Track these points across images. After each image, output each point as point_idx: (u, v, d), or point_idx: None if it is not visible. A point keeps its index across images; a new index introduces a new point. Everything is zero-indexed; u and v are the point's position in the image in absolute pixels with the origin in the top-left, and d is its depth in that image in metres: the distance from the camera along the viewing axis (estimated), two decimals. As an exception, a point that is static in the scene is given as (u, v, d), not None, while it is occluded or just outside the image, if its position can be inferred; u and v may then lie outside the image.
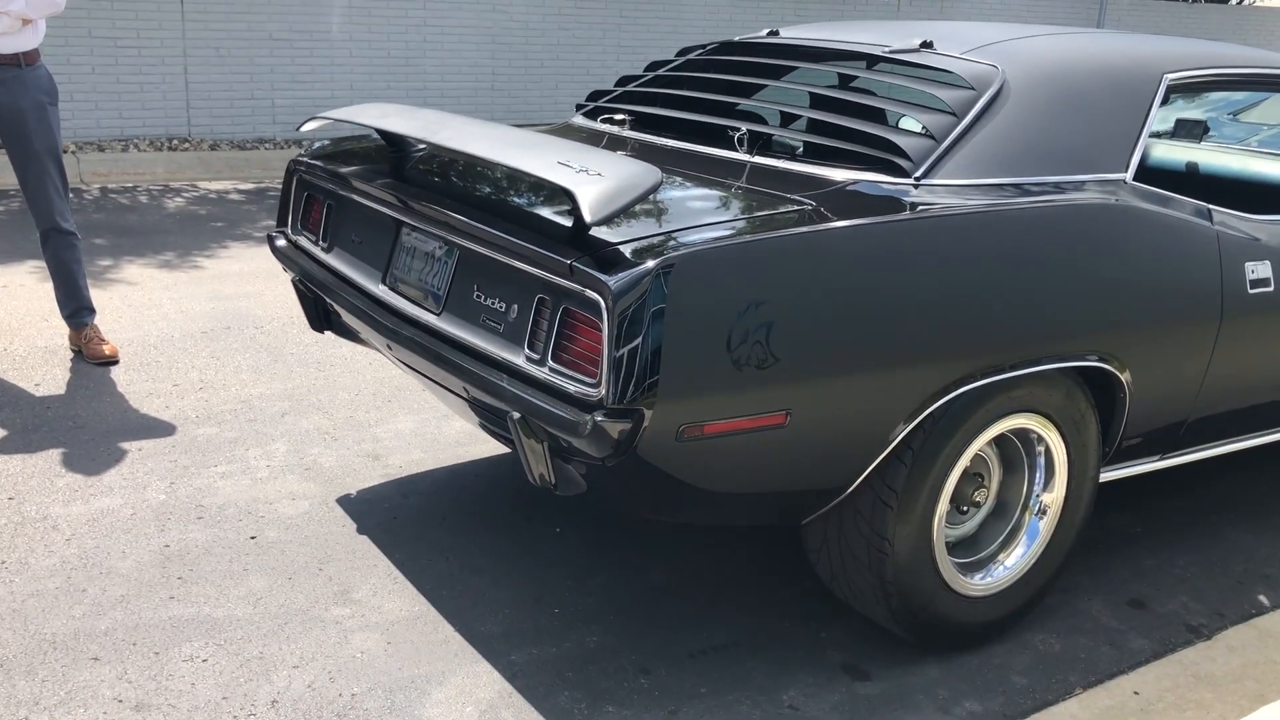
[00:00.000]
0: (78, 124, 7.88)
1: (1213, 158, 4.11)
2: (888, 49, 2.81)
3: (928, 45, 2.77)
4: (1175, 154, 4.24)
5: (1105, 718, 2.34)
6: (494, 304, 2.25)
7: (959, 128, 2.45)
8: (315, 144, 3.07)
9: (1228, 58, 2.92)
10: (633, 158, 2.24)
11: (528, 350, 2.14)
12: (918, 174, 2.36)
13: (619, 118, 3.10)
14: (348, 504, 3.11)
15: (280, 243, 3.01)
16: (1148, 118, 2.67)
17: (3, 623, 2.48)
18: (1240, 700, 2.41)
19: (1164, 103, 2.75)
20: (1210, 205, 2.71)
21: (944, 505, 2.36)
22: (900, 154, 2.41)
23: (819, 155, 2.60)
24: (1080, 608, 2.78)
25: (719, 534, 3.05)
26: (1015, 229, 2.31)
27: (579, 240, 2.04)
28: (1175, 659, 2.57)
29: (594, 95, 3.33)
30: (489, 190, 2.49)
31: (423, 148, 2.82)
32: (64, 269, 4.03)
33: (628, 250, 1.98)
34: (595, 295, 1.96)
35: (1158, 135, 4.36)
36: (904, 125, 3.17)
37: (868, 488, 2.29)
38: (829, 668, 2.49)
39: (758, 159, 2.60)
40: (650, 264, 1.93)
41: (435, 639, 2.51)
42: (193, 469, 3.27)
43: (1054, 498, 2.57)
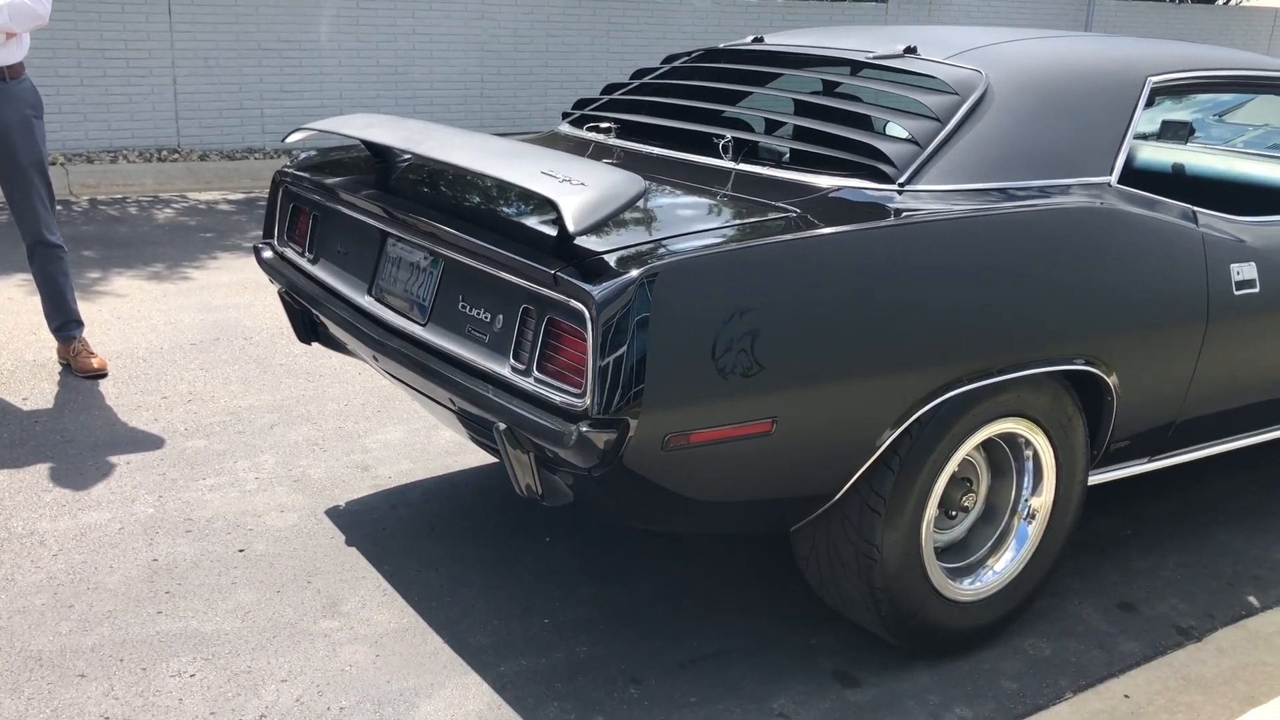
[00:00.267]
0: (66, 136, 7.87)
1: (1198, 159, 4.11)
2: (872, 55, 2.81)
3: (911, 51, 2.77)
4: (1161, 156, 4.25)
5: (1096, 722, 2.34)
6: (479, 314, 2.24)
7: (943, 133, 2.45)
8: (301, 155, 3.06)
9: (1211, 60, 2.93)
10: (616, 167, 2.24)
11: (513, 361, 2.13)
12: (902, 180, 2.36)
13: (605, 126, 3.09)
14: (336, 515, 3.10)
15: (266, 254, 3.00)
16: (1131, 120, 2.67)
17: (-11, 640, 2.47)
18: (1231, 702, 2.41)
19: (1148, 105, 2.76)
20: (1195, 207, 2.71)
21: (932, 511, 2.36)
22: (884, 160, 2.42)
23: (804, 162, 2.60)
24: (1070, 611, 2.78)
25: (707, 542, 3.04)
26: (1000, 234, 2.31)
27: (563, 250, 2.04)
28: (1165, 661, 2.57)
29: (580, 103, 3.33)
30: (474, 201, 2.48)
31: (408, 158, 2.82)
32: (51, 282, 4.02)
33: (612, 259, 1.97)
34: (579, 305, 1.95)
35: (1144, 137, 4.37)
36: (889, 131, 3.17)
37: (855, 494, 2.28)
38: (819, 675, 2.48)
39: (743, 166, 2.60)
40: (634, 273, 1.93)
41: (424, 651, 2.50)
42: (181, 482, 3.26)
43: (1042, 501, 2.57)
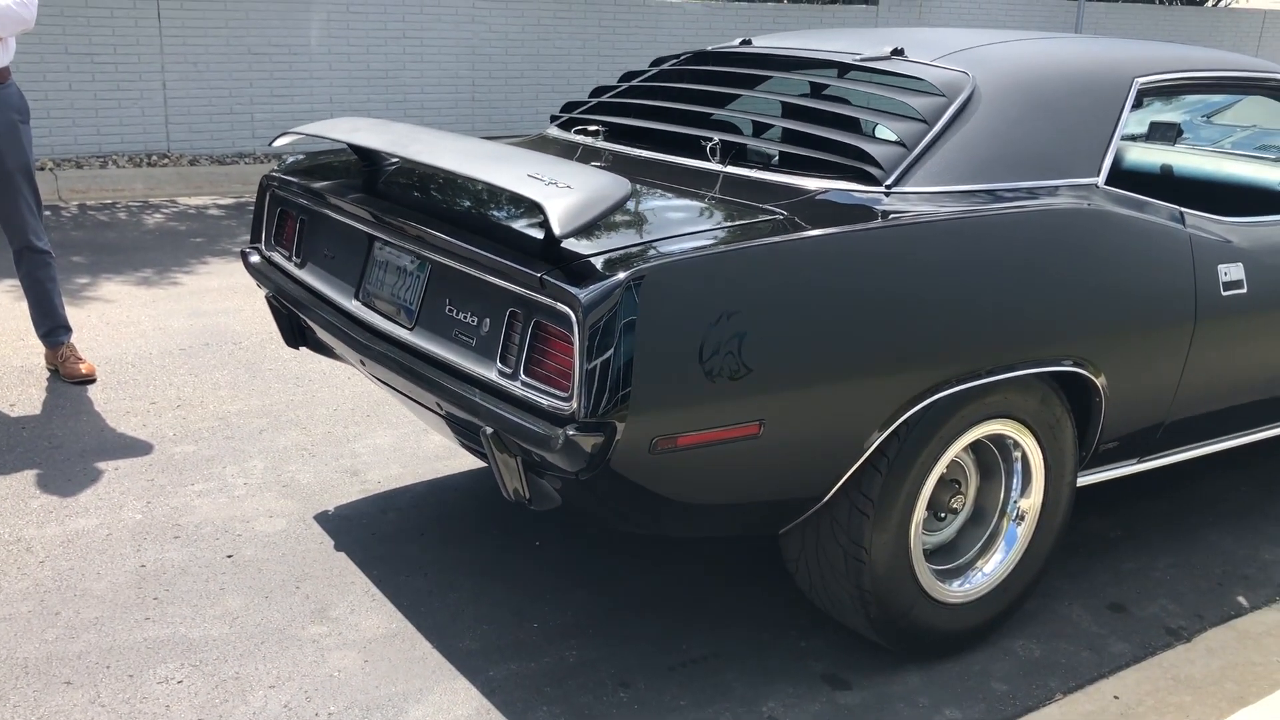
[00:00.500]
0: (55, 141, 7.84)
1: (1186, 160, 4.12)
2: (859, 57, 2.81)
3: (899, 53, 2.77)
4: (1149, 157, 4.26)
5: (1086, 723, 2.33)
6: (466, 318, 2.23)
7: (930, 135, 2.45)
8: (289, 159, 3.05)
9: (1199, 61, 2.94)
10: (603, 169, 2.24)
11: (500, 364, 2.13)
12: (889, 182, 2.36)
13: (593, 129, 3.09)
14: (325, 521, 3.09)
15: (254, 259, 2.99)
16: (1119, 122, 2.68)
17: (-25, 647, 2.46)
18: (1220, 703, 2.41)
19: (1135, 106, 2.76)
20: (1183, 208, 2.72)
21: (921, 512, 2.36)
22: (871, 162, 2.42)
23: (791, 164, 2.60)
24: (1060, 612, 2.78)
25: (697, 545, 3.04)
26: (987, 235, 2.31)
27: (549, 253, 2.04)
28: (1155, 662, 2.57)
29: (568, 106, 3.32)
30: (461, 204, 2.48)
31: (395, 162, 2.82)
32: (39, 288, 4.00)
33: (598, 262, 1.97)
34: (566, 308, 1.95)
35: (1132, 138, 4.37)
36: (876, 133, 3.18)
37: (844, 496, 2.28)
38: (809, 677, 2.48)
39: (730, 169, 2.59)
40: (621, 276, 1.92)
41: (413, 656, 2.49)
42: (170, 488, 3.25)
43: (1031, 503, 2.57)
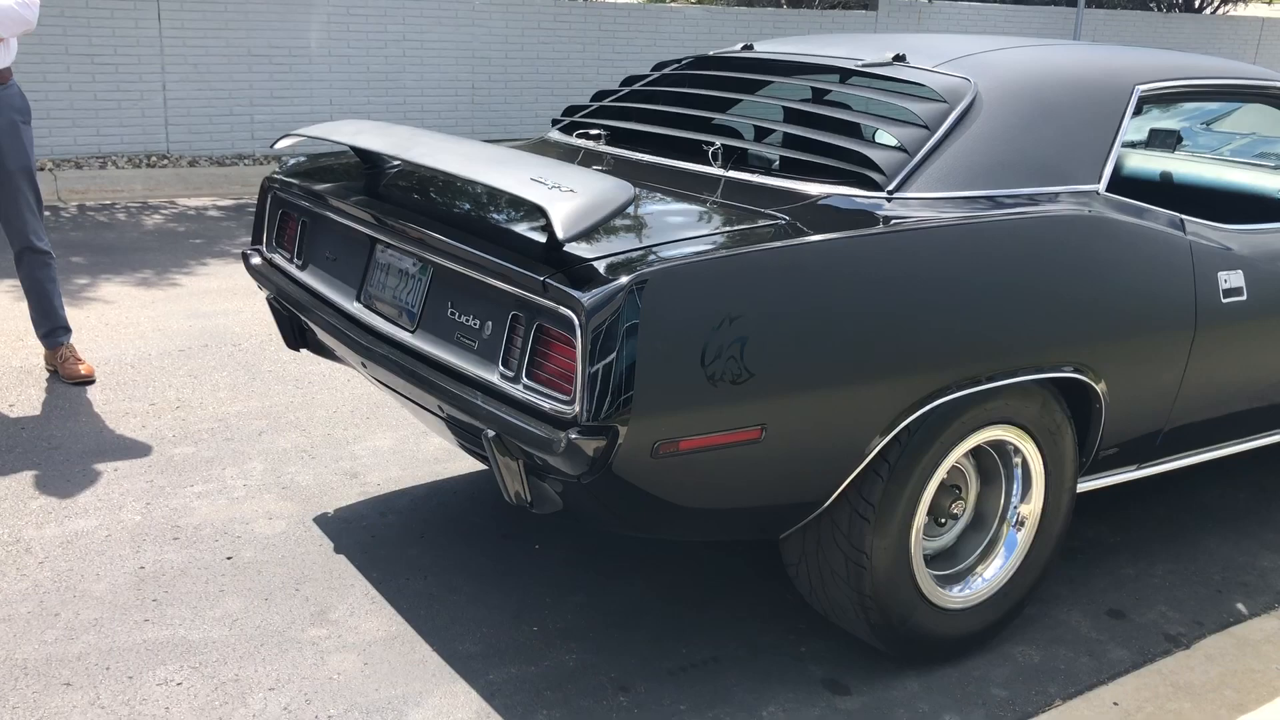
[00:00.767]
0: (55, 141, 7.84)
1: (1186, 167, 4.13)
2: (861, 63, 2.82)
3: (901, 58, 2.78)
4: (1149, 164, 4.27)
5: (1085, 729, 2.34)
6: (468, 321, 2.24)
7: (931, 141, 2.46)
8: (290, 161, 3.06)
9: (1199, 68, 2.94)
10: (606, 173, 2.24)
11: (502, 367, 2.13)
12: (891, 187, 2.36)
13: (594, 133, 3.09)
14: (325, 523, 3.09)
15: (255, 260, 2.99)
16: (1120, 129, 2.68)
17: (-26, 648, 2.46)
18: (1219, 710, 2.41)
19: (1136, 113, 2.77)
20: (1183, 215, 2.72)
21: (921, 518, 2.36)
22: (873, 168, 2.42)
23: (793, 169, 2.61)
24: (1059, 618, 2.79)
25: (697, 550, 3.04)
26: (988, 241, 2.31)
27: (552, 257, 2.04)
28: (1154, 669, 2.57)
29: (570, 110, 3.33)
30: (463, 207, 2.48)
31: (397, 164, 2.82)
32: (39, 288, 4.00)
33: (601, 266, 1.97)
34: (569, 312, 1.95)
35: (1132, 145, 4.38)
36: (878, 139, 3.18)
37: (845, 501, 2.28)
38: (809, 682, 2.48)
39: (732, 173, 2.60)
40: (624, 280, 1.92)
41: (412, 659, 2.49)
42: (169, 489, 3.24)
43: (1031, 509, 2.57)
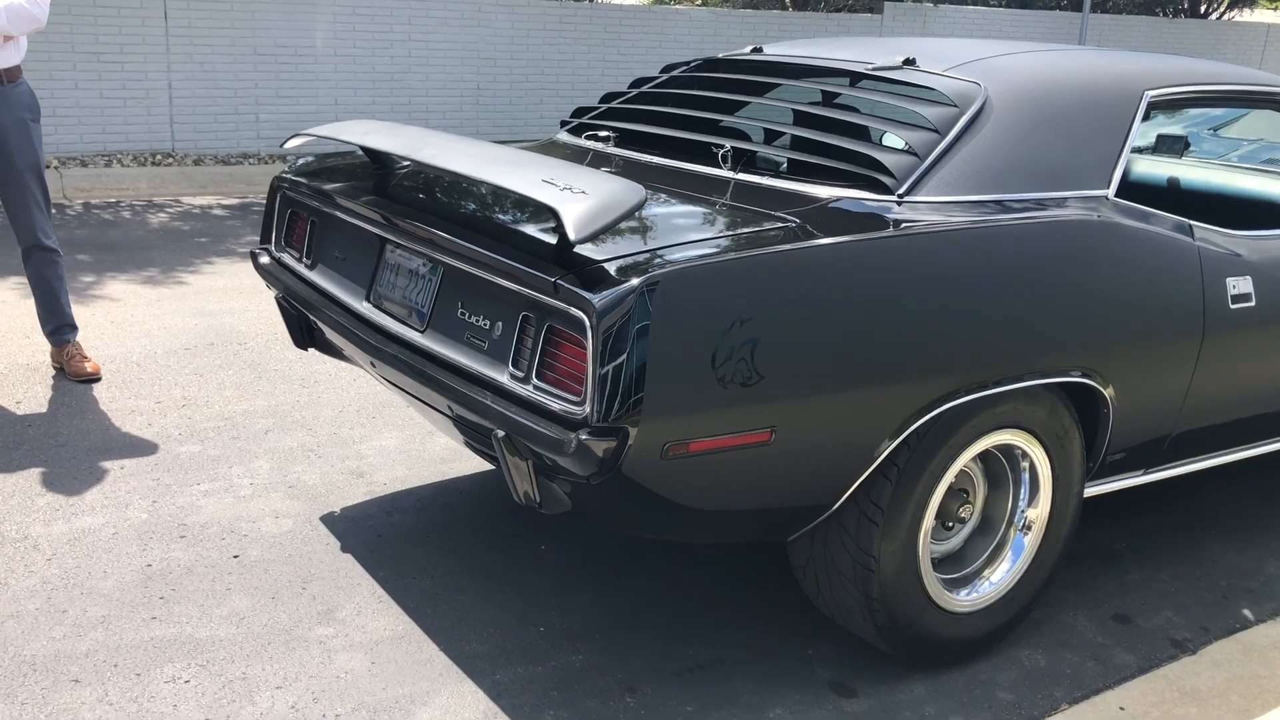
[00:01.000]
0: (61, 139, 7.85)
1: (1194, 173, 4.13)
2: (871, 66, 2.82)
3: (910, 62, 2.78)
4: (1157, 169, 4.27)
5: (1091, 734, 2.34)
6: (478, 321, 2.24)
7: (942, 145, 2.46)
8: (299, 160, 3.06)
9: (1207, 74, 2.95)
10: (617, 175, 2.24)
11: (512, 368, 2.13)
12: (901, 191, 2.37)
13: (603, 134, 3.10)
14: (331, 522, 3.10)
15: (264, 259, 3.00)
16: (1129, 134, 2.68)
17: (-18, 644, 2.46)
18: (1225, 715, 2.41)
19: (1145, 119, 2.77)
20: (1191, 221, 2.72)
21: (929, 521, 2.37)
22: (883, 171, 2.42)
23: (803, 172, 2.61)
24: (1066, 623, 2.79)
25: (705, 551, 3.04)
26: (998, 246, 2.32)
27: (563, 258, 2.04)
28: (1160, 674, 2.57)
29: (578, 111, 3.33)
30: (473, 207, 2.48)
31: (407, 164, 2.82)
32: (46, 286, 4.01)
33: (612, 268, 1.97)
34: (580, 313, 1.96)
35: (1139, 151, 4.38)
36: (888, 142, 3.18)
37: (853, 504, 2.28)
38: (815, 685, 2.48)
39: (742, 176, 2.60)
40: (635, 281, 1.93)
41: (419, 658, 2.50)
42: (175, 487, 3.25)
43: (1039, 513, 2.57)
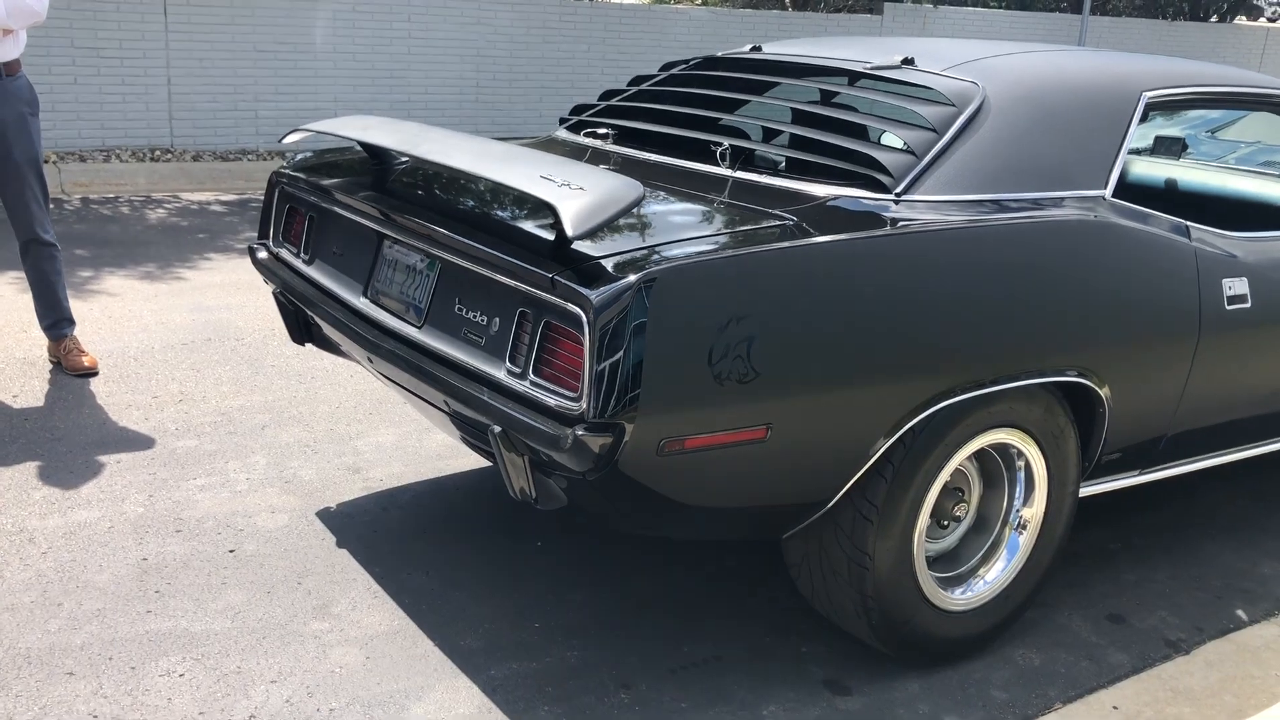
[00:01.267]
0: (59, 134, 7.85)
1: (1191, 175, 4.14)
2: (869, 65, 2.82)
3: (909, 62, 2.78)
4: (1154, 171, 4.28)
5: (1084, 732, 2.34)
6: (475, 317, 2.24)
7: (939, 144, 2.46)
8: (297, 156, 3.06)
9: (1206, 76, 2.95)
10: (615, 172, 2.25)
11: (509, 364, 2.13)
12: (898, 190, 2.37)
13: (602, 132, 3.10)
14: (327, 517, 3.10)
15: (262, 255, 3.00)
16: (1126, 135, 2.69)
17: (-23, 637, 2.46)
18: (1218, 715, 2.42)
19: (1143, 120, 2.77)
20: (1188, 222, 2.73)
21: (924, 520, 2.37)
22: (881, 170, 2.43)
23: (801, 170, 2.61)
24: (1060, 622, 2.79)
25: (700, 548, 3.04)
26: (995, 245, 2.32)
27: (561, 254, 2.04)
28: (1154, 674, 2.58)
29: (577, 109, 3.33)
30: (471, 204, 2.49)
31: (405, 160, 2.82)
32: (44, 280, 4.01)
33: (609, 264, 1.98)
34: (577, 309, 1.96)
35: (1137, 152, 4.39)
36: (886, 141, 3.19)
37: (848, 502, 2.29)
38: (810, 683, 2.48)
39: (740, 174, 2.60)
40: (632, 278, 1.93)
41: (414, 654, 2.50)
42: (171, 482, 3.25)
43: (1034, 512, 2.58)
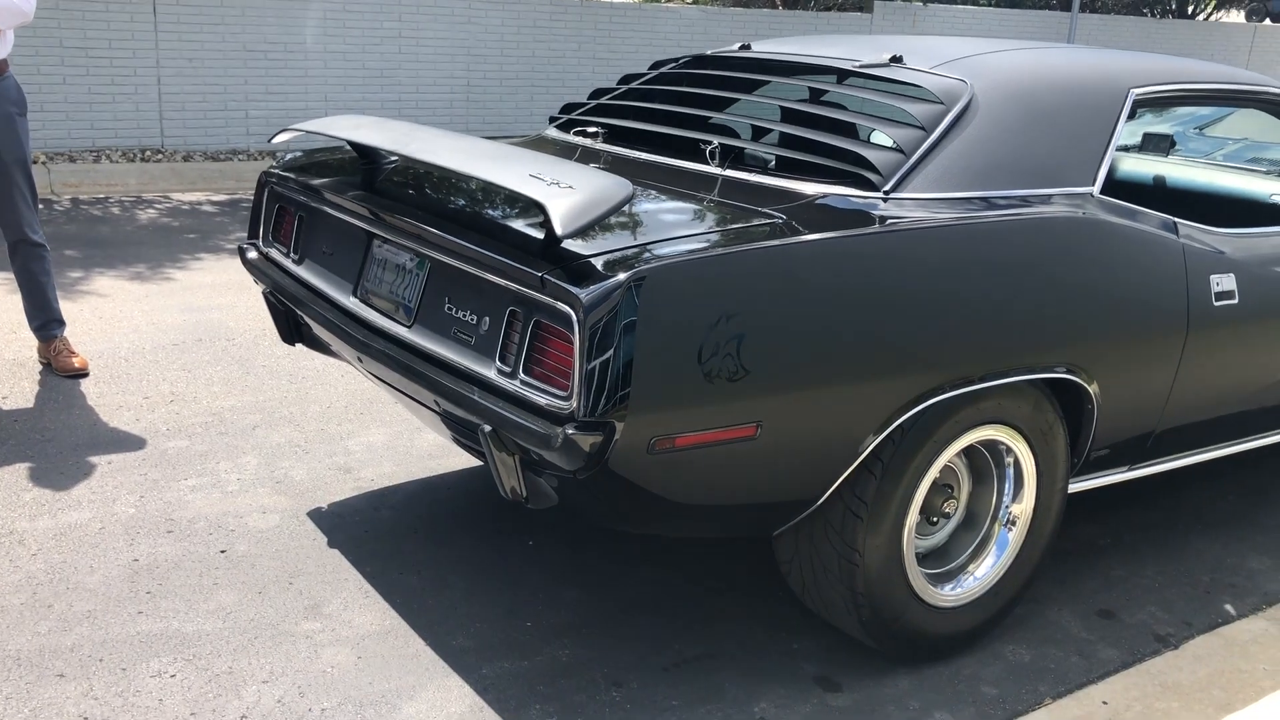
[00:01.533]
0: (49, 134, 7.82)
1: (1179, 171, 4.15)
2: (858, 63, 2.83)
3: (897, 60, 2.79)
4: (1142, 168, 4.29)
5: (1074, 727, 2.35)
6: (465, 316, 2.24)
7: (927, 142, 2.47)
8: (287, 156, 3.06)
9: (1193, 73, 2.96)
10: (604, 171, 2.25)
11: (499, 363, 2.13)
12: (887, 187, 2.38)
13: (592, 130, 3.10)
14: (318, 517, 3.10)
15: (251, 255, 3.00)
16: (1114, 132, 2.70)
17: (-33, 639, 2.45)
18: (1207, 709, 2.43)
19: (1130, 117, 2.78)
20: (1176, 219, 2.74)
21: (914, 516, 2.38)
22: (869, 168, 2.43)
23: (790, 169, 2.62)
24: (1050, 618, 2.80)
25: (691, 546, 3.05)
26: (983, 242, 2.33)
27: (550, 253, 2.05)
28: (1143, 669, 2.59)
29: (567, 108, 3.34)
30: (461, 202, 2.49)
31: (395, 160, 2.82)
32: (33, 281, 4.00)
33: (599, 263, 1.98)
34: (566, 308, 1.96)
35: (1125, 149, 4.40)
36: (875, 139, 3.20)
37: (838, 499, 2.30)
38: (801, 679, 2.49)
39: (729, 172, 2.61)
40: (621, 276, 1.93)
41: (406, 653, 2.50)
42: (162, 482, 3.24)
43: (1023, 509, 2.59)
